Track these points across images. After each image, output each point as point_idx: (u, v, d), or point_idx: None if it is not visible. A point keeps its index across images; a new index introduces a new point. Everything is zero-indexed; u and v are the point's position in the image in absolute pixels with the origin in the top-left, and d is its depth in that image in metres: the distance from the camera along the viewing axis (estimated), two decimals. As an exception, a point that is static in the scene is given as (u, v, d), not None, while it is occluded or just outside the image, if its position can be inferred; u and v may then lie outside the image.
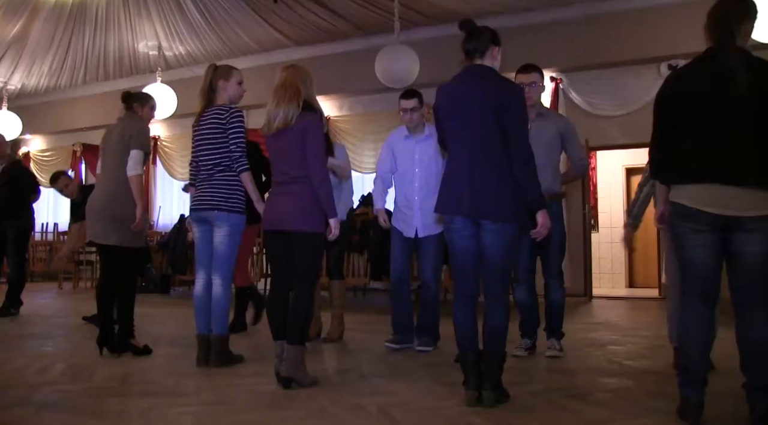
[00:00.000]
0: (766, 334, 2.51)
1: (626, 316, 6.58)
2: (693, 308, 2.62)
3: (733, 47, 2.54)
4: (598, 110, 7.83)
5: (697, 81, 2.59)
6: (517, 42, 7.50)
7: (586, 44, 7.66)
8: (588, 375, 3.62)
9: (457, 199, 2.92)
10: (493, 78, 2.99)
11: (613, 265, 10.02)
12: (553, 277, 4.15)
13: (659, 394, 3.03)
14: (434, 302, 4.43)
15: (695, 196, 2.54)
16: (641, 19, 7.30)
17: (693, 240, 2.57)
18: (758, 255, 2.50)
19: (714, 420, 2.64)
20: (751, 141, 2.48)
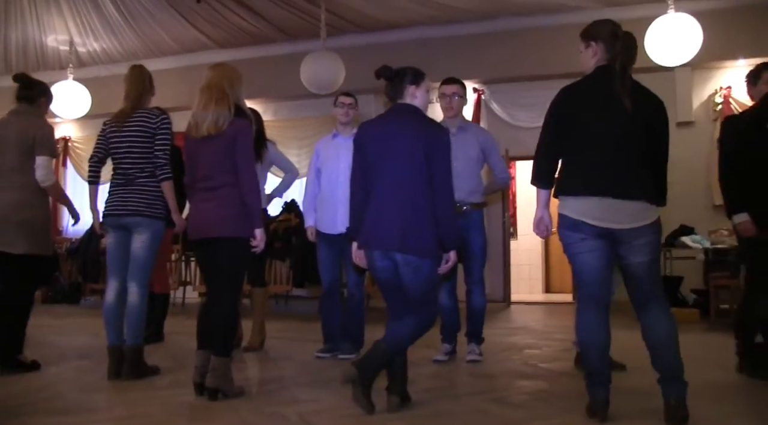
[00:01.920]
0: (663, 327, 2.68)
1: (543, 320, 6.79)
2: (587, 312, 2.76)
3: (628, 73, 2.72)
4: (518, 121, 8.06)
5: (591, 98, 2.73)
6: (441, 53, 7.66)
7: (509, 57, 7.87)
8: (506, 378, 3.72)
9: (379, 235, 2.96)
10: (420, 119, 3.05)
11: (531, 271, 10.33)
12: (475, 284, 4.24)
13: (572, 394, 3.15)
14: (358, 308, 4.44)
15: (581, 209, 2.69)
16: (560, 35, 7.56)
17: (581, 247, 2.72)
18: (643, 264, 2.69)
19: (622, 415, 2.76)
20: (637, 159, 2.65)
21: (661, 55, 6.18)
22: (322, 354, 4.39)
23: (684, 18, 6.09)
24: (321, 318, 4.52)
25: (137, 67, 3.84)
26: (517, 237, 10.08)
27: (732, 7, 7.04)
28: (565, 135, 2.75)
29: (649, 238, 2.67)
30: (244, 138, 3.25)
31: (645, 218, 2.66)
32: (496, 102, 8.20)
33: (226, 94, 3.26)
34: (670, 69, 6.87)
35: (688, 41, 6.06)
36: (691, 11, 6.23)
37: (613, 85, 2.69)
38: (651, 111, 2.72)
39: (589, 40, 2.82)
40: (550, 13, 7.64)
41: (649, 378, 2.79)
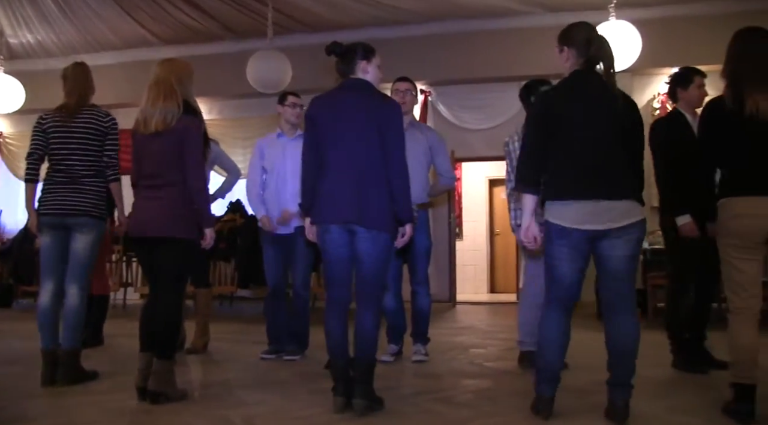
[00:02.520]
0: (627, 335, 2.72)
1: (487, 320, 6.88)
2: (555, 314, 2.79)
3: (597, 74, 2.75)
4: (464, 123, 8.15)
5: (575, 100, 2.74)
6: (389, 54, 7.60)
7: (455, 60, 7.95)
8: (452, 378, 3.75)
9: (337, 208, 2.92)
10: (373, 93, 3.04)
11: (476, 272, 10.46)
12: (420, 284, 4.26)
13: (516, 392, 3.20)
14: (304, 309, 4.40)
15: (572, 216, 2.66)
16: (507, 39, 7.71)
17: (564, 256, 2.70)
18: (624, 258, 2.69)
19: (564, 412, 2.82)
20: (621, 160, 2.68)
21: (602, 61, 6.34)
22: (267, 355, 4.34)
23: (624, 25, 6.26)
24: (266, 319, 4.47)
25: (81, 64, 3.73)
26: (463, 238, 10.20)
27: (669, 17, 7.30)
28: (551, 138, 2.73)
29: (636, 235, 2.68)
30: (192, 135, 3.18)
31: (634, 216, 2.67)
32: (442, 104, 8.27)
33: (175, 90, 3.18)
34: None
35: (629, 48, 6.23)
36: (631, 19, 6.41)
37: (594, 87, 2.72)
38: (629, 112, 2.75)
39: (562, 45, 2.84)
40: (496, 17, 7.75)
41: (591, 375, 2.85)
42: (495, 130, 7.87)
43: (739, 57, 2.85)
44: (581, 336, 2.93)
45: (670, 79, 4.07)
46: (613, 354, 2.74)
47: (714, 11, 7.19)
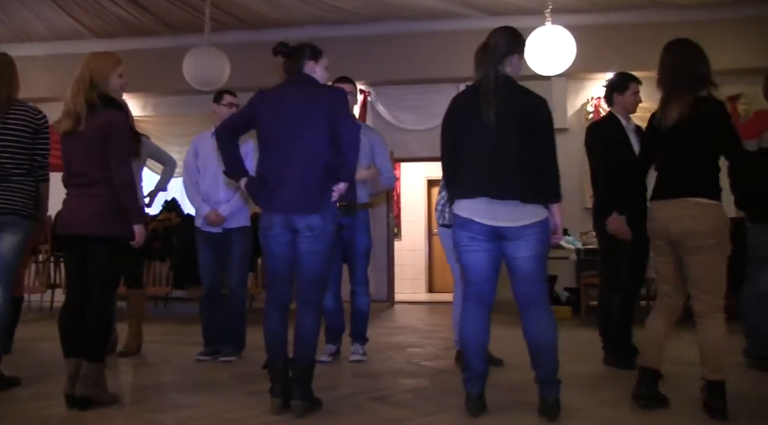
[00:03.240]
0: (542, 333, 2.79)
1: (425, 320, 6.95)
2: (471, 311, 2.87)
3: (497, 77, 2.82)
4: (402, 124, 8.20)
5: (466, 106, 2.88)
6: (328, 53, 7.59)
7: (395, 60, 7.99)
8: (390, 377, 3.77)
9: (285, 198, 2.90)
10: (319, 85, 3.07)
11: (414, 271, 10.54)
12: (359, 284, 4.27)
13: (453, 391, 3.23)
14: (241, 309, 4.34)
15: (470, 208, 2.80)
16: (445, 42, 7.79)
17: (470, 246, 2.82)
18: (528, 259, 2.78)
19: (498, 409, 2.88)
20: (514, 162, 2.76)
21: (538, 65, 6.49)
22: (202, 356, 4.26)
23: (560, 31, 6.43)
24: (202, 320, 4.39)
25: (4, 55, 3.54)
26: (401, 238, 10.26)
27: (603, 24, 7.54)
28: (453, 144, 2.89)
29: (535, 236, 2.76)
30: (115, 131, 3.08)
31: (530, 217, 2.76)
32: (382, 104, 8.30)
33: (96, 84, 3.08)
34: (546, 78, 7.23)
35: (564, 52, 6.40)
36: (566, 25, 6.59)
37: (486, 92, 2.81)
38: (528, 111, 2.80)
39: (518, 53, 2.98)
40: (435, 18, 7.84)
41: (524, 373, 2.92)
42: (434, 131, 7.84)
43: (670, 68, 2.99)
44: (516, 333, 2.98)
45: (607, 84, 4.16)
46: (534, 352, 2.81)
47: (647, 20, 7.46)
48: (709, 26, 7.07)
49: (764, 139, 3.83)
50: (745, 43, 7.06)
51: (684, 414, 2.86)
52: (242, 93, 4.55)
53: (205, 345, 4.33)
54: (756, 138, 3.83)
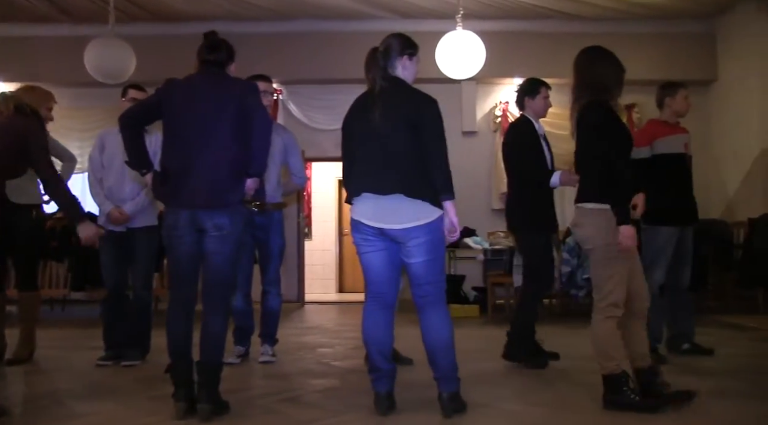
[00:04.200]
0: (437, 332, 2.84)
1: (336, 320, 6.95)
2: (372, 311, 2.89)
3: (384, 78, 2.89)
4: (314, 123, 8.16)
5: (358, 108, 2.94)
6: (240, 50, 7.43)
7: (308, 59, 7.94)
8: (299, 378, 3.74)
9: (187, 193, 2.81)
10: (231, 77, 3.02)
11: (325, 271, 10.52)
12: (271, 285, 4.21)
13: (363, 391, 3.24)
14: (145, 311, 4.19)
15: (358, 210, 2.84)
16: (358, 42, 7.73)
17: (365, 247, 2.86)
18: (420, 264, 2.81)
19: (407, 407, 2.91)
20: (396, 159, 2.79)
21: (448, 68, 6.62)
22: (103, 361, 4.07)
23: (470, 36, 6.58)
24: (103, 323, 4.20)
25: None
26: (312, 238, 10.22)
27: (512, 31, 7.79)
28: (347, 147, 2.95)
29: (424, 238, 2.77)
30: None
31: (417, 219, 2.77)
32: (293, 103, 8.22)
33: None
34: (456, 82, 7.39)
35: (474, 57, 6.55)
36: (477, 30, 6.75)
37: (372, 93, 2.88)
38: (414, 110, 2.83)
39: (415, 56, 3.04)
40: (349, 19, 7.85)
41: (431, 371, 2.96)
42: (345, 131, 7.94)
43: (574, 75, 3.10)
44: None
45: (519, 88, 4.23)
46: (431, 350, 2.85)
47: (553, 29, 7.79)
48: (608, 38, 7.34)
49: (656, 146, 4.06)
50: (641, 56, 7.47)
51: (585, 407, 2.99)
52: (150, 88, 4.38)
53: (106, 349, 4.14)
54: (648, 145, 4.06)
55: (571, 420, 2.82)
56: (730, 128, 7.65)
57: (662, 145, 4.06)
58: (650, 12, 7.63)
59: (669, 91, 4.19)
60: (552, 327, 4.96)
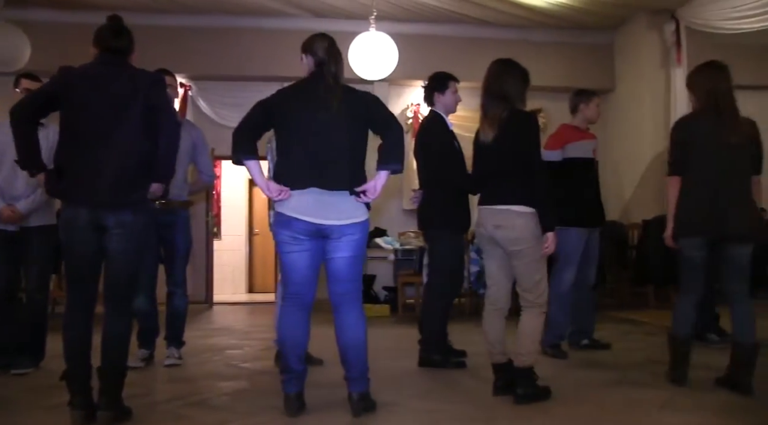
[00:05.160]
0: (353, 332, 2.85)
1: (245, 320, 6.82)
2: (290, 312, 2.86)
3: (327, 76, 2.88)
4: (225, 121, 7.96)
5: (300, 99, 2.86)
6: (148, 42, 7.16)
7: (219, 55, 7.74)
8: (207, 381, 3.64)
9: (88, 189, 2.67)
10: (136, 69, 2.85)
11: (234, 271, 10.31)
12: (177, 285, 4.08)
13: (272, 392, 3.20)
14: (40, 315, 3.94)
15: (294, 205, 2.78)
16: (271, 40, 7.69)
17: (292, 247, 2.81)
18: (346, 259, 2.83)
19: (318, 408, 2.90)
20: (342, 154, 2.82)
21: (361, 69, 6.64)
22: (-10, 370, 3.81)
23: (383, 37, 6.62)
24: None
25: None
26: (221, 237, 10.00)
27: (424, 34, 7.90)
28: (285, 140, 2.85)
29: (356, 236, 2.82)
30: None
31: (357, 216, 2.81)
32: (203, 99, 8.01)
33: None
34: (369, 82, 7.43)
35: (386, 58, 6.60)
36: (390, 32, 6.80)
37: (321, 88, 2.83)
38: (362, 109, 2.87)
39: (302, 53, 3.01)
40: (263, 16, 7.72)
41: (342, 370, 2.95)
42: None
43: (483, 85, 3.21)
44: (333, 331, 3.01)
45: (427, 83, 4.21)
46: (345, 349, 2.86)
47: (464, 34, 7.97)
48: (517, 45, 7.69)
49: (567, 150, 4.23)
50: (547, 64, 7.77)
51: (491, 401, 3.07)
52: (46, 78, 4.14)
53: (-5, 356, 3.88)
54: (560, 149, 4.22)
55: (479, 415, 2.88)
56: (626, 134, 8.09)
57: (573, 149, 4.24)
58: (556, 22, 7.95)
59: (583, 98, 4.37)
60: (461, 326, 5.07)
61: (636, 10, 7.74)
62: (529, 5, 7.40)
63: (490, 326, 3.18)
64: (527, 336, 3.07)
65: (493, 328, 3.17)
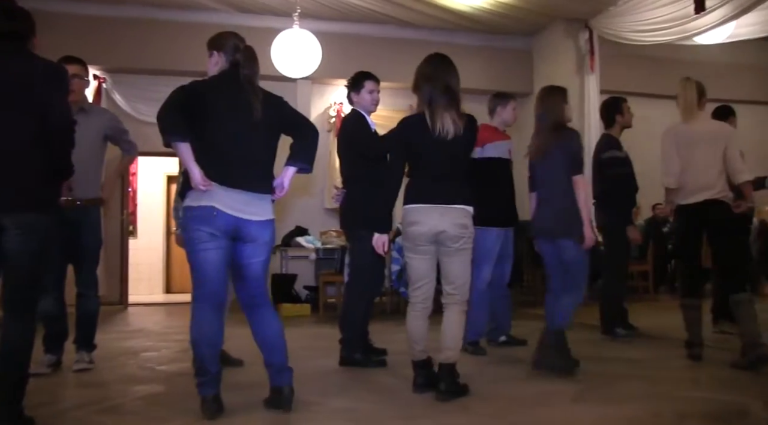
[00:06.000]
0: (273, 329, 2.86)
1: (162, 322, 6.63)
2: (205, 312, 2.79)
3: (244, 79, 2.85)
4: (142, 115, 7.70)
5: (221, 98, 2.81)
6: (58, 30, 6.88)
7: (137, 47, 7.47)
8: (120, 385, 3.52)
9: None
10: (35, 55, 2.66)
11: (151, 271, 10.00)
12: (87, 286, 3.90)
13: (190, 395, 3.10)
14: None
15: (220, 200, 2.73)
16: (192, 33, 7.46)
17: (208, 244, 2.74)
18: (263, 263, 2.86)
19: (237, 409, 2.84)
20: (264, 157, 2.85)
21: (284, 66, 6.58)
22: None
23: (306, 35, 6.58)
24: None
25: None
26: (137, 236, 9.68)
27: (348, 33, 7.91)
28: (202, 136, 2.76)
29: (269, 237, 2.84)
30: None
31: (270, 214, 2.84)
32: (119, 93, 7.72)
33: None
34: (292, 80, 7.37)
35: (309, 56, 6.57)
36: (313, 30, 6.78)
37: (245, 90, 2.81)
38: (276, 112, 2.89)
39: (212, 50, 3.01)
40: (184, 9, 7.53)
41: (261, 370, 2.93)
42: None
43: (428, 78, 3.23)
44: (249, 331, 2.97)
45: (347, 82, 4.22)
46: (269, 345, 2.86)
47: (389, 35, 8.04)
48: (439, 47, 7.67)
49: (486, 149, 4.34)
50: (468, 66, 7.88)
51: (410, 398, 3.10)
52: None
53: None
54: (479, 147, 4.32)
55: (399, 413, 2.91)
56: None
57: (492, 149, 4.36)
58: (478, 26, 8.13)
59: (501, 101, 4.53)
60: (381, 325, 5.10)
61: (553, 18, 8.02)
62: (452, 9, 7.54)
63: (416, 324, 3.20)
64: (453, 333, 3.13)
65: (419, 326, 3.20)
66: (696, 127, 3.94)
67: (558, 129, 3.82)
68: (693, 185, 3.88)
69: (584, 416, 2.83)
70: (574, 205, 3.68)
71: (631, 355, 4.17)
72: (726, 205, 3.84)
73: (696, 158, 3.88)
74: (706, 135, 3.91)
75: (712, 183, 3.83)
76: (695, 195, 3.87)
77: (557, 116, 3.84)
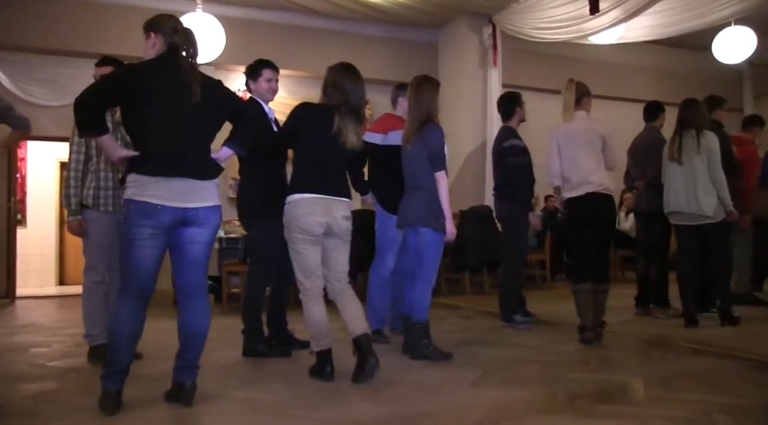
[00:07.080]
0: (203, 322, 2.85)
1: (54, 316, 6.31)
2: (130, 306, 2.71)
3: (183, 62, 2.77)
4: (31, 98, 7.29)
5: (161, 82, 2.71)
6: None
7: (27, 24, 7.04)
8: (6, 384, 3.33)
9: None
10: None
11: (42, 262, 9.49)
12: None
13: (84, 391, 3.01)
14: None
15: (159, 192, 2.63)
16: (88, 14, 7.14)
17: (148, 242, 2.65)
18: (204, 245, 2.80)
19: (136, 404, 2.76)
20: (205, 142, 2.81)
21: (186, 51, 6.38)
22: None
23: (210, 19, 6.41)
24: None
25: None
26: (26, 225, 9.15)
27: (253, 19, 7.77)
28: (124, 107, 2.71)
29: (216, 221, 2.80)
30: None
31: (216, 199, 2.80)
32: (4, 72, 7.24)
33: None
34: (195, 66, 7.15)
35: (213, 41, 6.40)
36: (217, 14, 6.60)
37: (183, 74, 2.72)
38: (217, 97, 2.86)
39: (149, 32, 2.89)
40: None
41: (161, 363, 2.86)
42: (67, 108, 7.17)
43: (343, 91, 3.35)
44: (157, 324, 2.90)
45: (245, 70, 4.20)
46: (186, 339, 2.81)
47: (295, 22, 7.93)
48: (346, 37, 7.82)
49: (390, 137, 4.39)
50: (375, 57, 7.99)
51: (316, 387, 3.12)
52: None
53: None
54: (384, 133, 4.39)
55: (300, 403, 2.91)
56: (447, 129, 8.53)
57: (396, 137, 4.41)
58: (384, 17, 8.18)
59: (403, 92, 4.58)
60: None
61: (457, 12, 8.20)
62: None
63: (318, 313, 3.24)
64: (357, 308, 3.30)
65: (321, 315, 3.24)
66: (574, 126, 4.33)
67: (425, 123, 3.90)
68: (577, 179, 4.28)
69: (484, 399, 2.94)
70: (436, 196, 3.82)
71: (528, 341, 4.36)
72: (606, 197, 4.26)
73: (576, 154, 4.28)
74: (583, 134, 4.31)
75: (591, 178, 4.22)
76: (578, 189, 4.27)
77: (427, 108, 3.93)
